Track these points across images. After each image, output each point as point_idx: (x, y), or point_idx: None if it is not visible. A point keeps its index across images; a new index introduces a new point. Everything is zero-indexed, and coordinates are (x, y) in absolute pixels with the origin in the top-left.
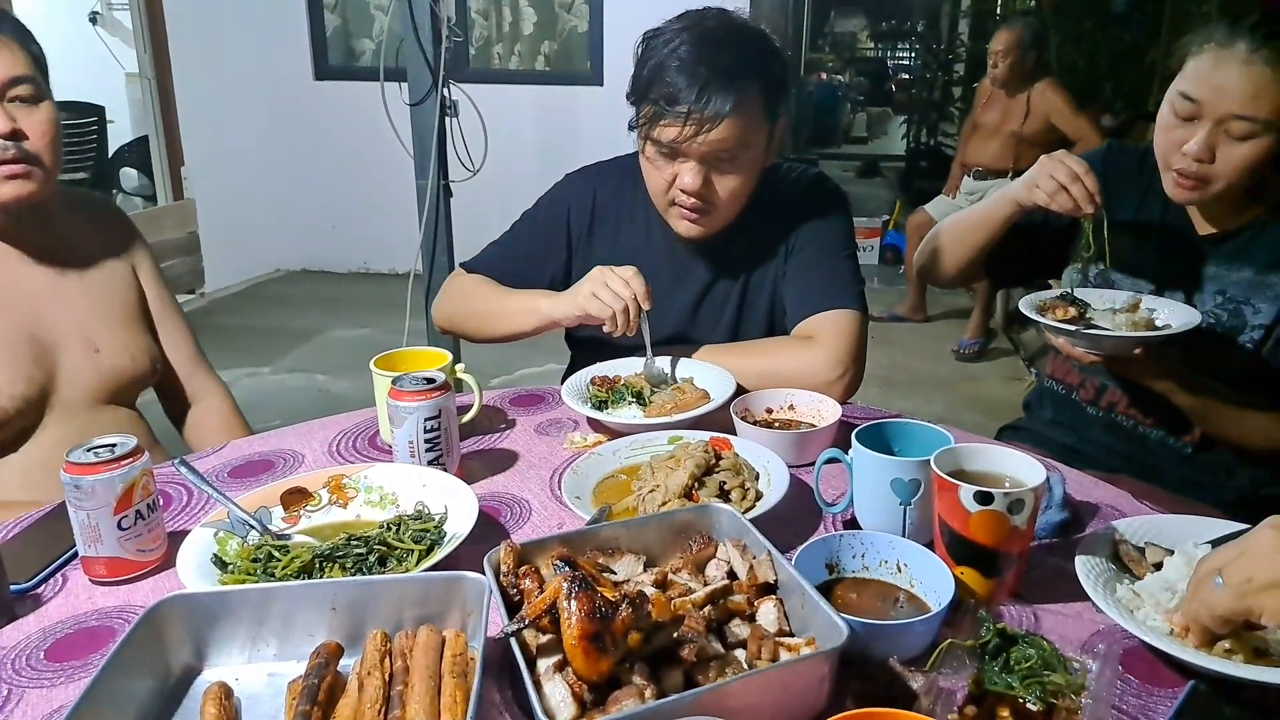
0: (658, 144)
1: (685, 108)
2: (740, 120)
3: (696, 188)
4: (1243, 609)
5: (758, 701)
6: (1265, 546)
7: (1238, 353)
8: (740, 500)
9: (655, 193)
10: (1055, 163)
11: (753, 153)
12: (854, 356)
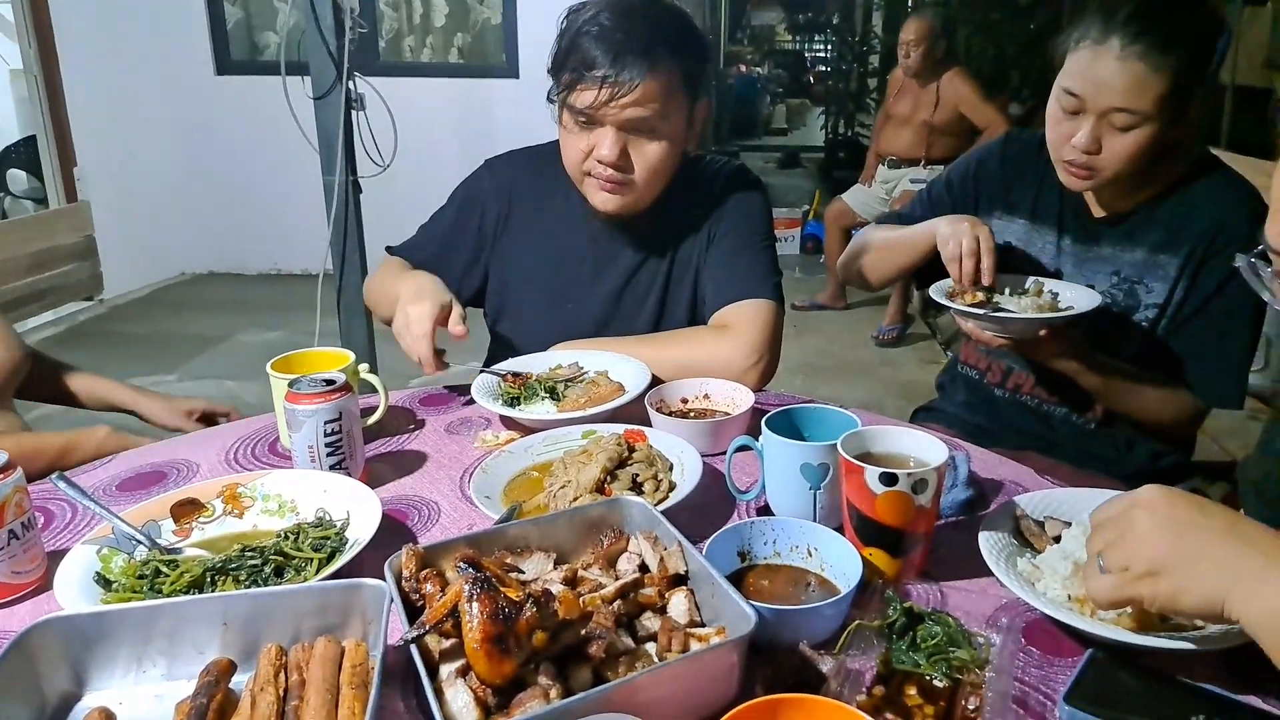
0: (575, 111)
1: (602, 72)
2: (657, 88)
3: (614, 157)
4: (1123, 597)
5: (667, 694)
6: (1141, 529)
7: (1134, 331)
8: (653, 492)
9: (572, 164)
10: (972, 232)
11: (671, 126)
12: (768, 345)
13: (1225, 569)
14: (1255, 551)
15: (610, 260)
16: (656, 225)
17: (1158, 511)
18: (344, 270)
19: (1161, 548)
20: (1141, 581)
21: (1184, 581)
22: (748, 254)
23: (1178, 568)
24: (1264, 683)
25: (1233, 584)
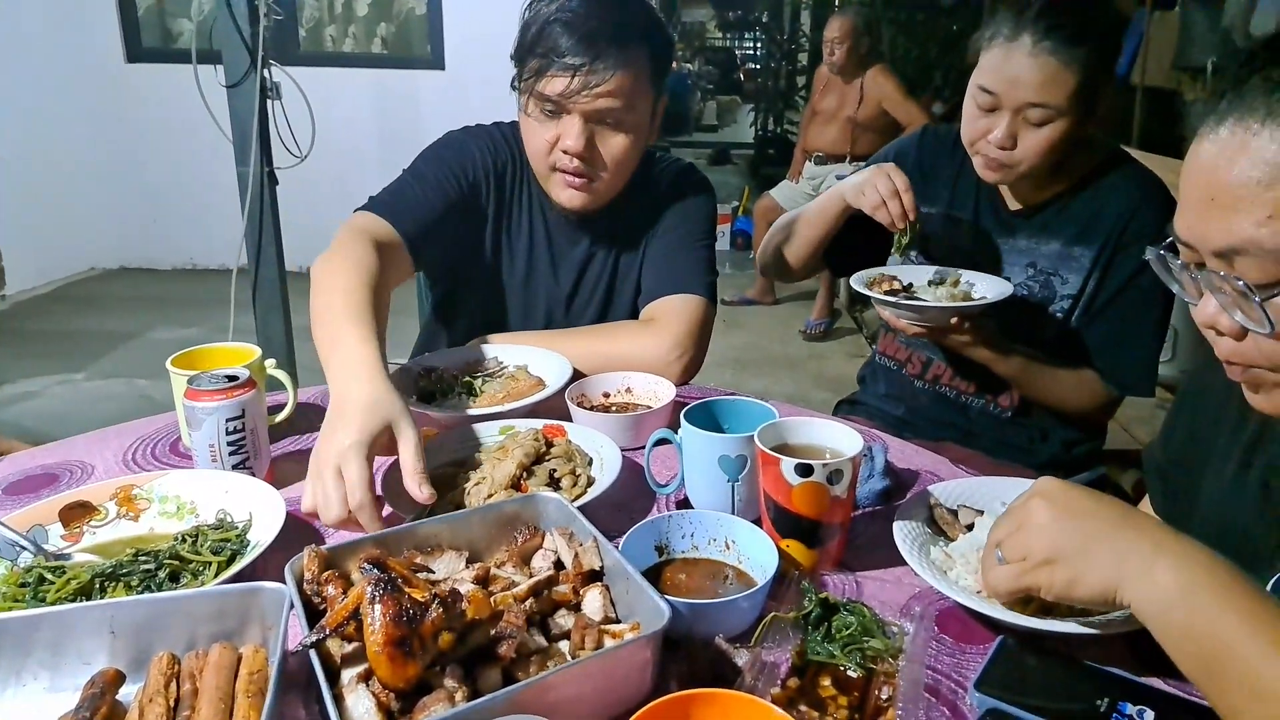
0: (543, 100)
1: (575, 60)
2: (629, 79)
3: (580, 148)
4: (1021, 587)
5: (579, 692)
6: (1038, 521)
7: (1050, 321)
8: (571, 488)
9: (536, 155)
10: (882, 176)
11: (637, 119)
12: (694, 339)
13: (1117, 558)
14: (1145, 540)
15: (565, 255)
16: (609, 221)
17: (1054, 503)
18: (259, 265)
19: (1057, 538)
20: (1038, 571)
21: (1078, 570)
22: (684, 251)
23: (1073, 557)
24: (1166, 664)
25: (1124, 572)
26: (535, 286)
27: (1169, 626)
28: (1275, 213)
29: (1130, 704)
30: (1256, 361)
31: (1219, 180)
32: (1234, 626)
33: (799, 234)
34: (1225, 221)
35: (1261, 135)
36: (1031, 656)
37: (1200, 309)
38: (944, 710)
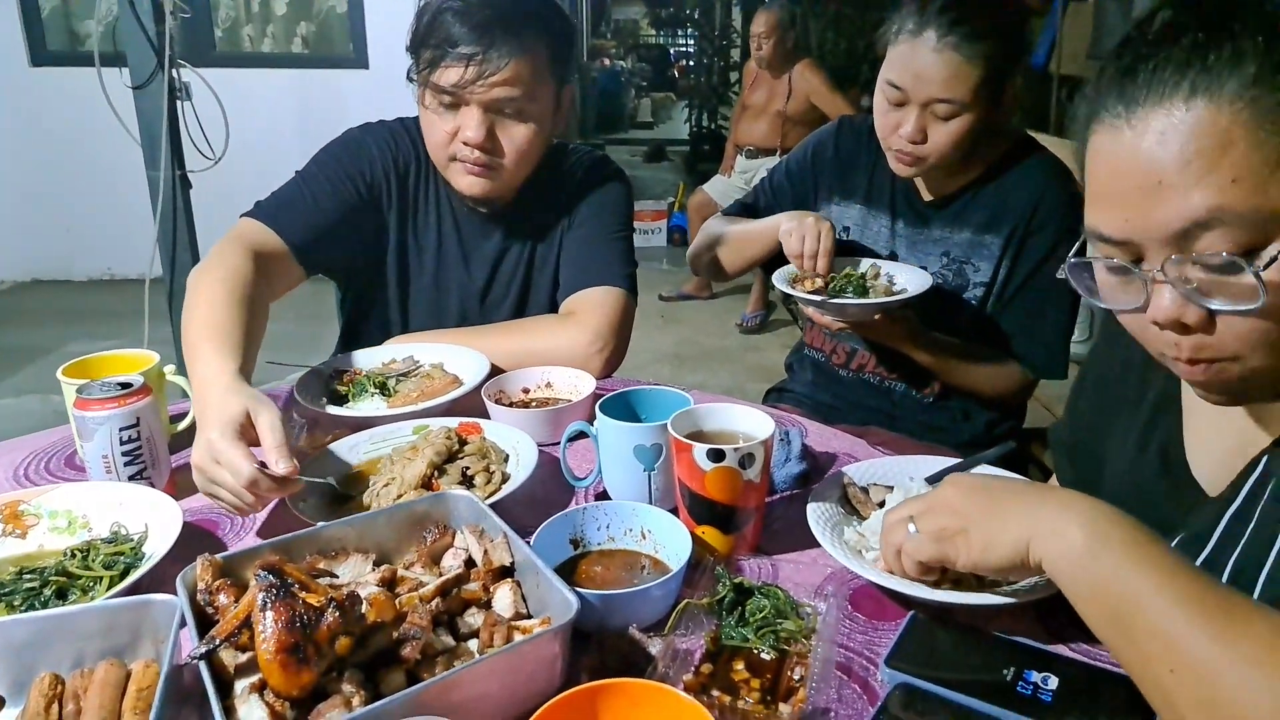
0: (439, 91)
1: (468, 50)
2: (525, 67)
3: (480, 138)
4: (940, 554)
5: (485, 690)
6: (950, 499)
7: (965, 309)
8: (485, 485)
9: (436, 147)
10: (813, 232)
11: (539, 109)
12: (614, 332)
13: (1026, 519)
14: (1053, 501)
15: (476, 249)
16: (521, 214)
17: (963, 483)
18: (174, 272)
19: (968, 508)
20: (954, 540)
21: (990, 536)
22: (603, 243)
23: (984, 523)
24: (1070, 633)
25: (1033, 532)
26: (447, 283)
27: (1079, 582)
28: (1239, 175)
29: (1035, 672)
30: (1228, 350)
31: (1163, 162)
32: (1142, 579)
33: (737, 250)
34: (1182, 200)
35: (1194, 109)
36: (941, 631)
37: (1157, 308)
38: (855, 687)
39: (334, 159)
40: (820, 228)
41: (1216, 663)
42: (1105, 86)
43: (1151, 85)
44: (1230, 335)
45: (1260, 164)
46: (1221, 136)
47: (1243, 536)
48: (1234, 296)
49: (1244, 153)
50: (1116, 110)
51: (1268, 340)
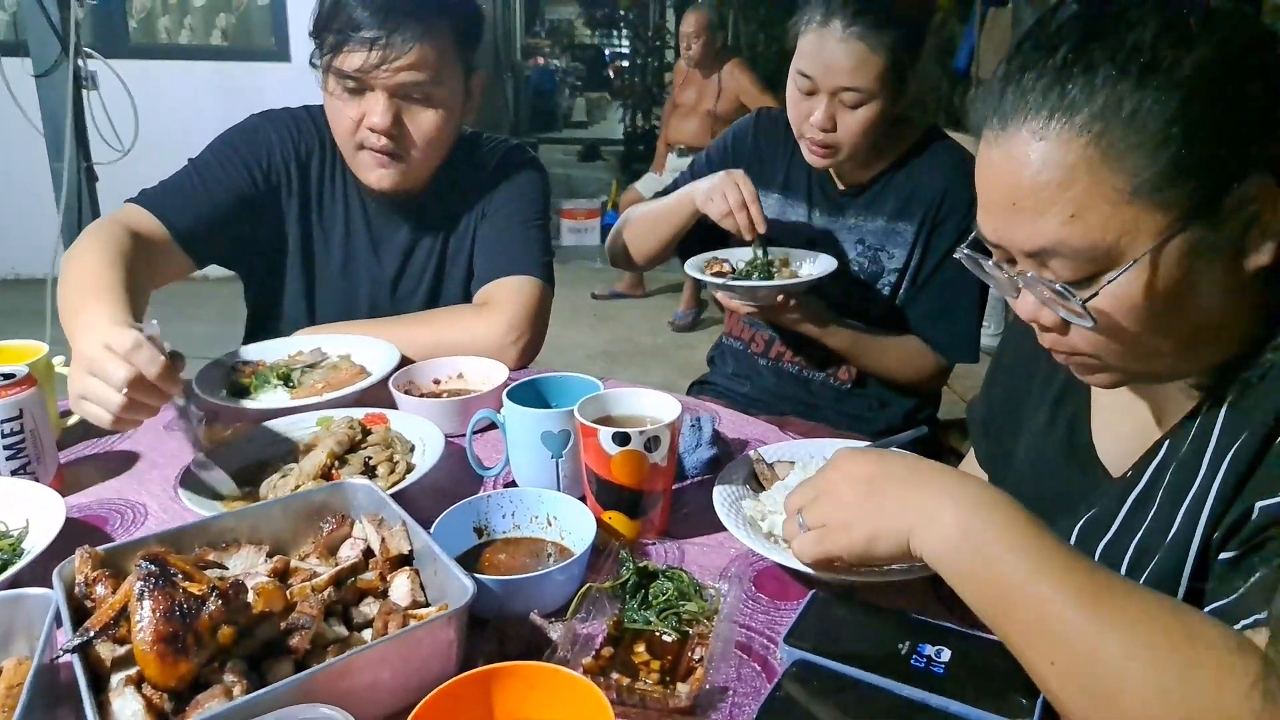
0: (343, 76)
1: (371, 34)
2: (431, 51)
3: (387, 124)
4: (823, 552)
5: (377, 678)
6: (835, 486)
7: (879, 296)
8: (388, 475)
9: (342, 134)
10: (731, 185)
11: (447, 95)
12: (530, 321)
13: (906, 511)
14: (929, 491)
15: (386, 239)
16: (432, 203)
17: (845, 469)
18: None
19: (850, 501)
20: (837, 535)
21: (874, 530)
22: (518, 231)
23: (867, 518)
24: (965, 608)
25: (912, 522)
26: (356, 273)
27: (957, 569)
28: (1078, 211)
29: (929, 645)
30: (1081, 350)
31: (1018, 185)
32: (1019, 565)
33: (649, 231)
34: (1031, 225)
35: (1048, 138)
36: (841, 608)
37: (1020, 305)
38: (755, 665)
39: (230, 146)
40: (735, 178)
41: (1097, 648)
42: (986, 96)
43: (1018, 106)
44: (1081, 339)
45: (1099, 200)
46: (1067, 171)
47: (1144, 520)
48: (1075, 313)
49: (1085, 188)
50: (991, 123)
51: (1112, 349)
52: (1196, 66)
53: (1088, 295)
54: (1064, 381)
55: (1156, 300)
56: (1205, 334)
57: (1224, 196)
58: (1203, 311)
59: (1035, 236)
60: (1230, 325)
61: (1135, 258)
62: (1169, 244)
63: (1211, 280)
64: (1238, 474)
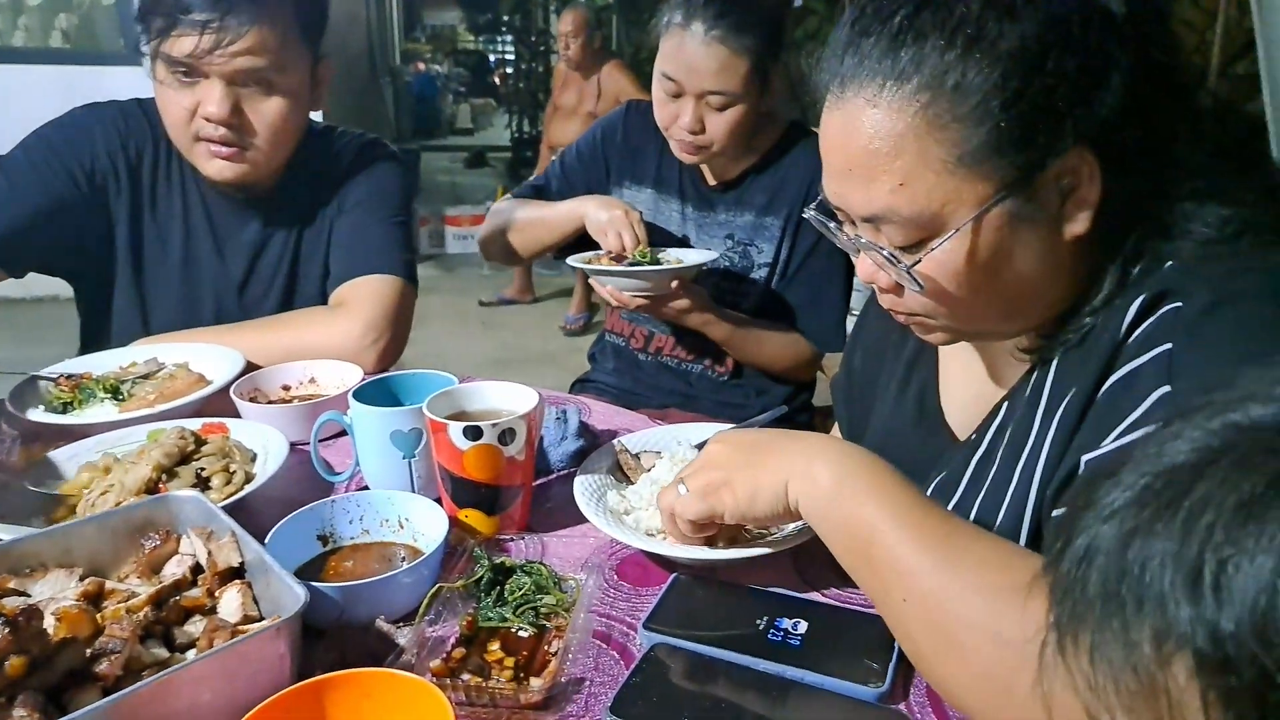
0: (173, 63)
1: (203, 16)
2: (272, 35)
3: (224, 113)
4: (708, 509)
5: (196, 699)
6: (716, 456)
7: (751, 289)
8: (223, 486)
9: (176, 125)
10: (626, 227)
11: (291, 82)
12: (390, 321)
13: (782, 465)
14: (805, 449)
15: (231, 239)
16: (283, 200)
17: (727, 440)
18: None
19: (732, 462)
20: (720, 493)
21: (753, 485)
22: (375, 227)
23: (746, 475)
24: (825, 579)
25: (789, 476)
26: (198, 276)
27: (827, 519)
28: (906, 180)
29: (787, 619)
30: (915, 311)
31: (853, 151)
32: (880, 515)
33: (533, 237)
34: (864, 191)
35: (880, 105)
36: (701, 589)
37: (860, 266)
38: (614, 654)
39: (46, 144)
40: (631, 219)
41: (943, 590)
42: (829, 59)
43: (855, 72)
44: (914, 301)
45: (925, 170)
46: (897, 140)
47: (986, 479)
48: (904, 278)
49: (913, 157)
50: (831, 87)
51: (941, 311)
52: (1018, 39)
53: (914, 261)
54: (914, 350)
55: (978, 266)
56: (1027, 297)
57: (1043, 168)
58: (1023, 277)
59: (868, 203)
60: (1050, 289)
61: (958, 226)
62: (990, 213)
63: (1031, 248)
64: (1065, 431)
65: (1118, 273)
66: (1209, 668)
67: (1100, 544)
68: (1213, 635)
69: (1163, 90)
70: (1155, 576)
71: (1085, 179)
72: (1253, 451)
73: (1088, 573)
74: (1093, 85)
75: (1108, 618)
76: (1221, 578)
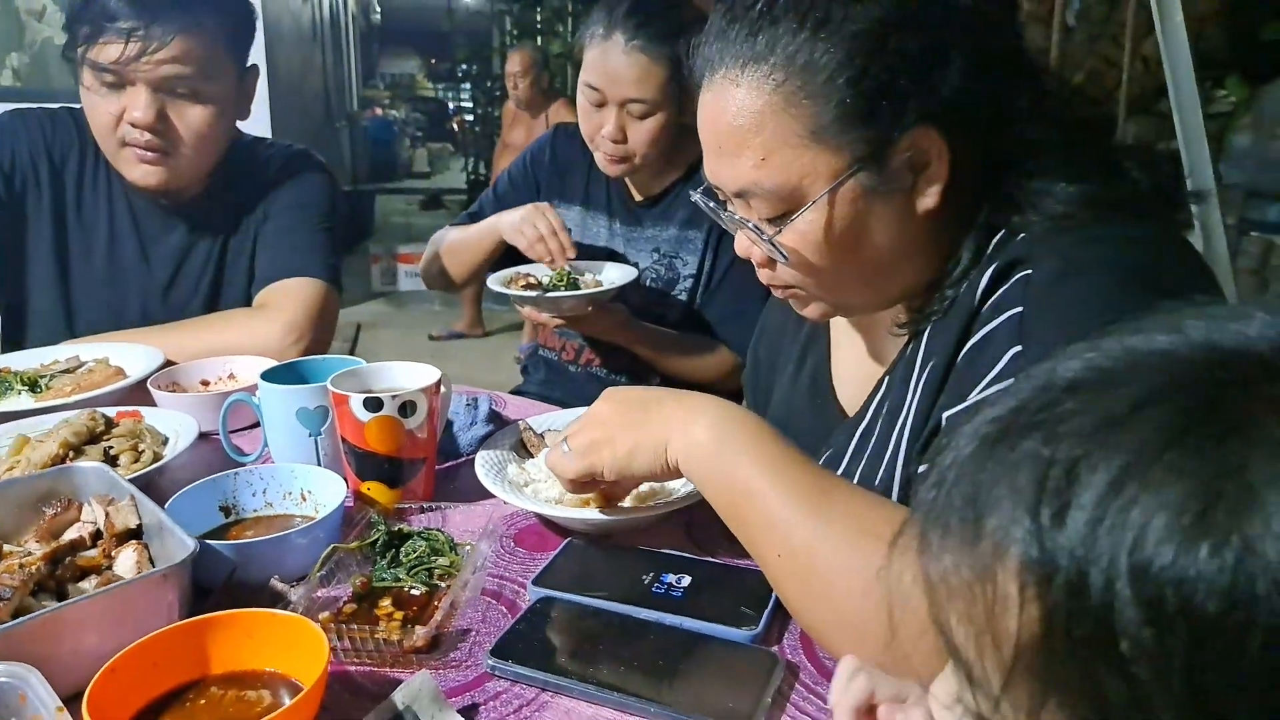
0: (99, 69)
1: (128, 25)
2: (195, 44)
3: (150, 119)
4: (585, 466)
5: (81, 643)
6: (600, 413)
7: (676, 303)
8: (130, 464)
9: (102, 130)
10: (538, 215)
11: (217, 91)
12: (311, 323)
13: (663, 423)
14: (686, 407)
15: (157, 244)
16: (209, 206)
17: (611, 398)
18: None
19: (614, 420)
20: (600, 451)
21: (632, 443)
22: (301, 233)
23: (627, 433)
24: (716, 545)
25: (669, 434)
26: (124, 282)
27: (707, 475)
28: (767, 154)
29: (671, 575)
30: (789, 283)
31: (720, 129)
32: (756, 471)
33: (458, 260)
34: (732, 167)
35: (742, 85)
36: (593, 551)
37: (737, 242)
38: (502, 609)
39: None
40: (540, 210)
41: (813, 541)
42: (703, 45)
43: (722, 55)
44: (786, 273)
45: (783, 145)
46: (757, 116)
47: (866, 451)
48: (770, 250)
49: (772, 133)
50: (705, 72)
51: (808, 282)
52: (863, 21)
53: (777, 232)
54: (809, 333)
55: (836, 237)
56: (886, 270)
57: (892, 144)
58: (881, 249)
59: (736, 178)
60: (909, 262)
61: (815, 198)
62: (844, 186)
63: (885, 221)
64: (930, 396)
65: (973, 246)
66: (1034, 567)
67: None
68: (1043, 537)
69: (1006, 73)
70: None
71: (934, 156)
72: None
73: (948, 480)
74: (934, 65)
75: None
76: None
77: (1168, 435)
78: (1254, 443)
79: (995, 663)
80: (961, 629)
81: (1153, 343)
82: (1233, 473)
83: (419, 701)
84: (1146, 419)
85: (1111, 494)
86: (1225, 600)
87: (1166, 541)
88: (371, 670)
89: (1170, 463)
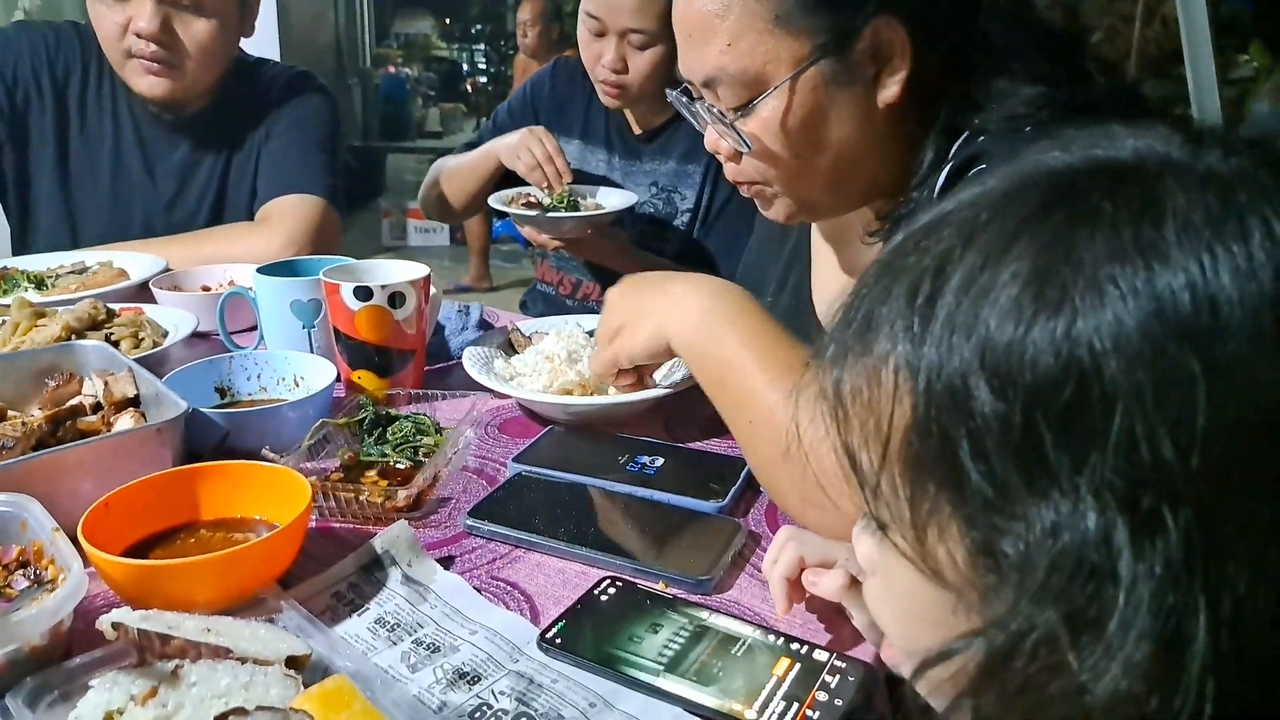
0: None
1: None
2: None
3: (154, 29)
4: (609, 358)
5: (78, 486)
6: (614, 300)
7: (674, 235)
8: (131, 349)
9: (109, 40)
10: (535, 139)
11: (219, 5)
12: (310, 238)
13: (659, 306)
14: (679, 286)
15: (161, 159)
16: (213, 124)
17: (623, 286)
18: None
19: (625, 308)
20: (620, 341)
21: (637, 328)
22: (302, 152)
23: (632, 319)
24: (690, 435)
25: (665, 314)
26: (128, 195)
27: (693, 349)
28: (733, 40)
29: (646, 456)
30: (754, 179)
31: (689, 16)
32: (737, 343)
33: (456, 185)
34: (700, 55)
35: None
36: (574, 437)
37: (708, 139)
38: (484, 483)
39: None
40: (536, 133)
41: (780, 405)
42: None
43: None
44: (750, 167)
45: (748, 29)
46: (724, 2)
47: None
48: (734, 138)
49: (737, 17)
50: None
51: (771, 174)
52: None
53: (739, 116)
54: (792, 248)
55: (796, 125)
56: (848, 166)
57: (855, 34)
58: (843, 142)
59: (703, 64)
60: (870, 159)
61: (776, 83)
62: (806, 72)
63: (847, 112)
64: None
65: (935, 148)
66: (908, 358)
67: (864, 284)
68: (914, 329)
69: None
70: (894, 290)
71: (897, 49)
72: (1014, 185)
73: (851, 305)
74: None
75: (857, 333)
76: (933, 283)
77: (1022, 223)
78: (1096, 226)
79: (878, 455)
80: (855, 436)
81: (1041, 162)
82: (1070, 251)
83: (396, 547)
84: (1012, 212)
85: (970, 280)
86: (1059, 366)
87: (1009, 316)
88: (355, 527)
89: (1020, 249)
